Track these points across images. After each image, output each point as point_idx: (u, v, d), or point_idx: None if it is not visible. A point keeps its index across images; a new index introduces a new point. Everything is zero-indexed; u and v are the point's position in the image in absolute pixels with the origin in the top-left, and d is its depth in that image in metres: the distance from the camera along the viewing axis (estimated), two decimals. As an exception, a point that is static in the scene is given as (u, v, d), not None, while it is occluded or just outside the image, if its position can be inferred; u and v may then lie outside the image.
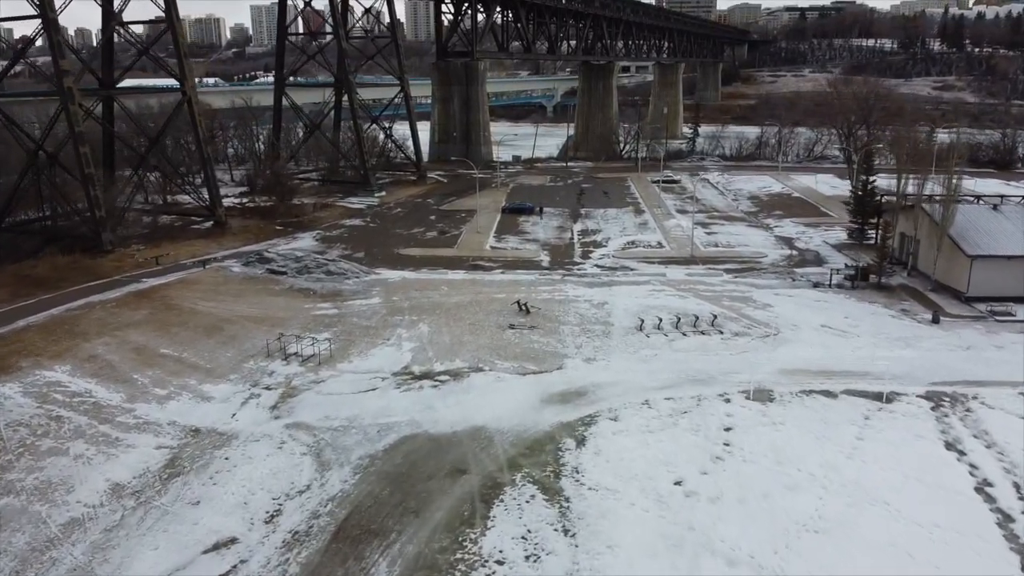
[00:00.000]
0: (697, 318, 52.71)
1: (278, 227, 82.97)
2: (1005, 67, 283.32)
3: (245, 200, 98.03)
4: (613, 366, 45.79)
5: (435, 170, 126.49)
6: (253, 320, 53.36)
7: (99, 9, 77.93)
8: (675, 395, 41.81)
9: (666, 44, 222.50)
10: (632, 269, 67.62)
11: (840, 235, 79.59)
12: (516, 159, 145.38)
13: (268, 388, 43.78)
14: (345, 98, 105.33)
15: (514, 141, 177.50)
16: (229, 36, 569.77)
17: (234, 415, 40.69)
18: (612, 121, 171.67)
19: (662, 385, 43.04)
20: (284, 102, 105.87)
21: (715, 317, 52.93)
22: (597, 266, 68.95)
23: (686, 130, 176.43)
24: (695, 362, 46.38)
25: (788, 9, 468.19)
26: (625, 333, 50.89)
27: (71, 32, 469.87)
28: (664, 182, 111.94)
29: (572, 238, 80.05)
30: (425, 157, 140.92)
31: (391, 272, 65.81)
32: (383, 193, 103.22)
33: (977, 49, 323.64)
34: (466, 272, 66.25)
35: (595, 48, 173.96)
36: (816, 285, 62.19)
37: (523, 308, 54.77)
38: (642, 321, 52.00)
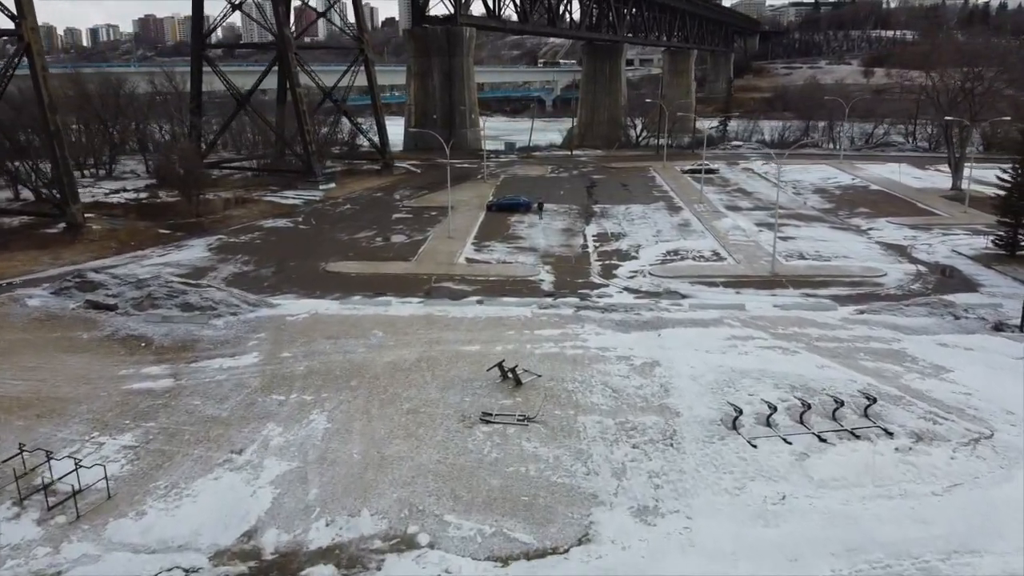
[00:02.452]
0: (840, 404, 27.88)
1: (164, 231, 58.31)
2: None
3: (144, 195, 73.68)
4: (700, 532, 21.07)
5: (409, 159, 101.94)
6: (2, 406, 28.60)
7: None
8: (874, 642, 17.11)
9: (677, 27, 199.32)
10: (686, 296, 42.85)
11: (974, 241, 54.96)
12: (510, 146, 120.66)
13: (-77, 597, 19.11)
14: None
15: (510, 136, 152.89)
16: (220, 35, 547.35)
17: None
18: (619, 108, 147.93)
19: (831, 604, 18.34)
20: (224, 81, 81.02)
21: (871, 401, 28.17)
22: (629, 290, 44.24)
23: (711, 122, 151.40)
24: (870, 520, 21.71)
25: (794, 4, 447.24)
26: (706, 436, 26.18)
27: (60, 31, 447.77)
28: (699, 171, 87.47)
29: (585, 245, 55.42)
30: (400, 145, 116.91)
31: (300, 302, 41.02)
32: (332, 185, 78.50)
33: (1003, 40, 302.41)
34: (422, 302, 41.54)
35: (601, 25, 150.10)
36: (999, 327, 37.46)
37: (509, 376, 30.21)
38: (738, 412, 27.15)
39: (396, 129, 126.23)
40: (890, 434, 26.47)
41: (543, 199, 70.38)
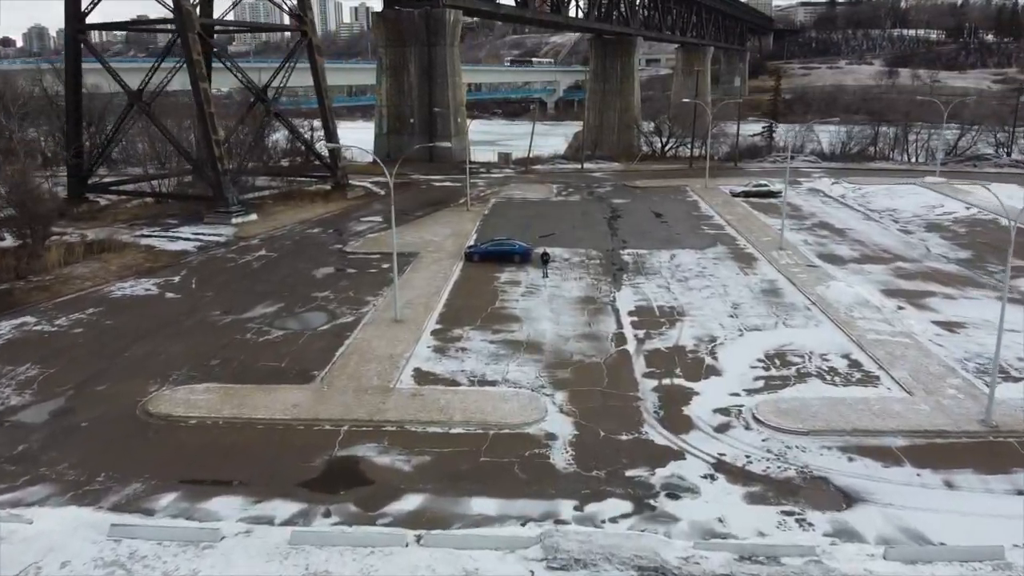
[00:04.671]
0: None
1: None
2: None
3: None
4: None
5: (374, 174, 79.98)
6: None
7: None
8: None
9: (692, 22, 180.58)
10: (855, 498, 20.65)
11: None
12: (504, 157, 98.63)
13: None
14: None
15: (508, 141, 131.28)
16: (215, 37, 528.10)
17: None
18: (633, 110, 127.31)
19: None
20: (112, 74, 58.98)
21: None
22: (727, 472, 22.05)
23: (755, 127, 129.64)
24: None
25: (804, 3, 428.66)
26: None
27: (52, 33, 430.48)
28: (755, 195, 65.80)
29: (621, 336, 33.28)
30: (371, 156, 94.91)
31: (36, 526, 18.98)
32: (251, 217, 56.24)
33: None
34: (293, 528, 19.47)
35: (611, 16, 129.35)
36: None
37: None
38: None
39: (367, 136, 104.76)
40: None
41: (547, 240, 48.58)
